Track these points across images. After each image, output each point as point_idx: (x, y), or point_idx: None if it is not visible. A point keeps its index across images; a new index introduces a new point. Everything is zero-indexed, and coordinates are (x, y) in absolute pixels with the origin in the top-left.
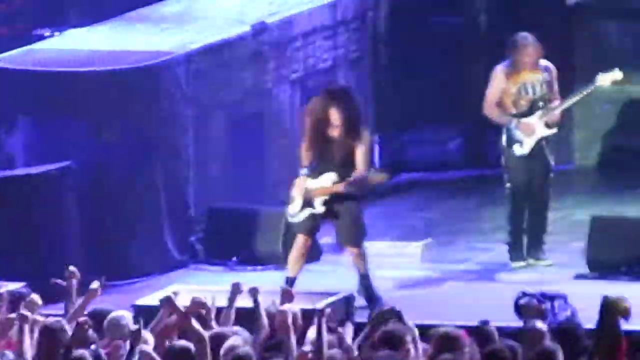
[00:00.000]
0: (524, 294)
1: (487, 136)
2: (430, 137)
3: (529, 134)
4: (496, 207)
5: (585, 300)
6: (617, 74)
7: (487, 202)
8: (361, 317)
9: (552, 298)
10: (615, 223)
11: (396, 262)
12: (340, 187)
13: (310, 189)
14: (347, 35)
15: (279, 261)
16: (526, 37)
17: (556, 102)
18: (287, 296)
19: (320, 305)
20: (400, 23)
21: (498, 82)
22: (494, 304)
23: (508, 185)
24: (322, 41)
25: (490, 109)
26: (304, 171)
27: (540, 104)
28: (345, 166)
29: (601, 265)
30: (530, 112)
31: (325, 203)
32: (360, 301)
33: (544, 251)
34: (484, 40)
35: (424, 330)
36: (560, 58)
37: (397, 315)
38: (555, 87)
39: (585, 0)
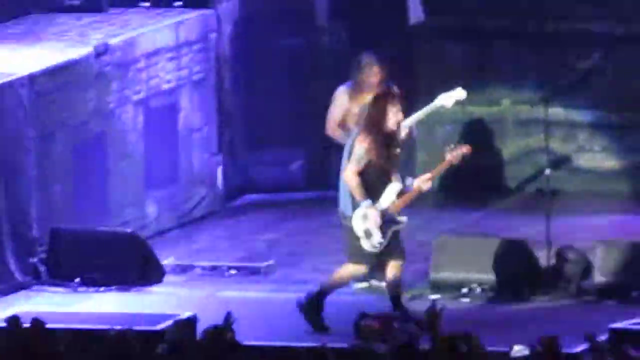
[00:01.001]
0: (365, 315)
1: (330, 157)
2: (273, 158)
3: None
4: (339, 228)
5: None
6: (459, 93)
7: (331, 223)
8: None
9: (393, 319)
10: (457, 243)
11: (239, 283)
12: (429, 183)
13: (385, 208)
14: (191, 56)
15: (121, 282)
16: (369, 57)
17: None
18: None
19: (164, 326)
20: (243, 44)
21: (341, 102)
22: (335, 325)
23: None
24: (166, 62)
25: (333, 130)
26: (367, 203)
27: None
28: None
29: (443, 286)
30: None
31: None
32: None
33: None
34: (327, 61)
35: (266, 352)
36: (403, 78)
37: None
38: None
39: (427, 20)
